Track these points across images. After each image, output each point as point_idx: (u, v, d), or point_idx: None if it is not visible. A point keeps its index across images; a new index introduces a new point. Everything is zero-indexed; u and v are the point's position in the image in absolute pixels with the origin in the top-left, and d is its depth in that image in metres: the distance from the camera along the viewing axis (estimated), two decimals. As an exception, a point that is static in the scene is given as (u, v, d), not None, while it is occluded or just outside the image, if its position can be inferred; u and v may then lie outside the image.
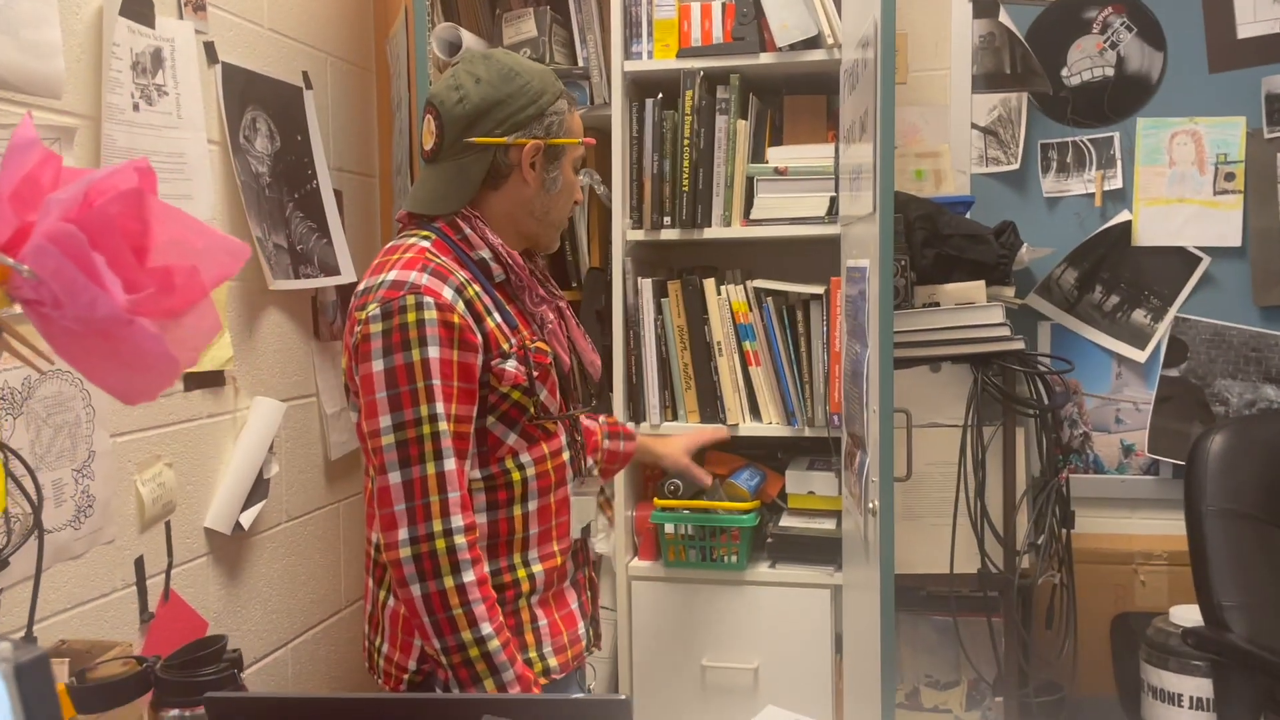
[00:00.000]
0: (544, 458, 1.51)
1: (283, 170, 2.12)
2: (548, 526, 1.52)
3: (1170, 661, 2.29)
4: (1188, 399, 2.56)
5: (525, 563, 1.49)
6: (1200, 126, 2.54)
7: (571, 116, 1.56)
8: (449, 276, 1.41)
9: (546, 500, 1.52)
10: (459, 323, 1.38)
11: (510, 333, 1.46)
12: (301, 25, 2.26)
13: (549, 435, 1.51)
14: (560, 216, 1.59)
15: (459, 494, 1.36)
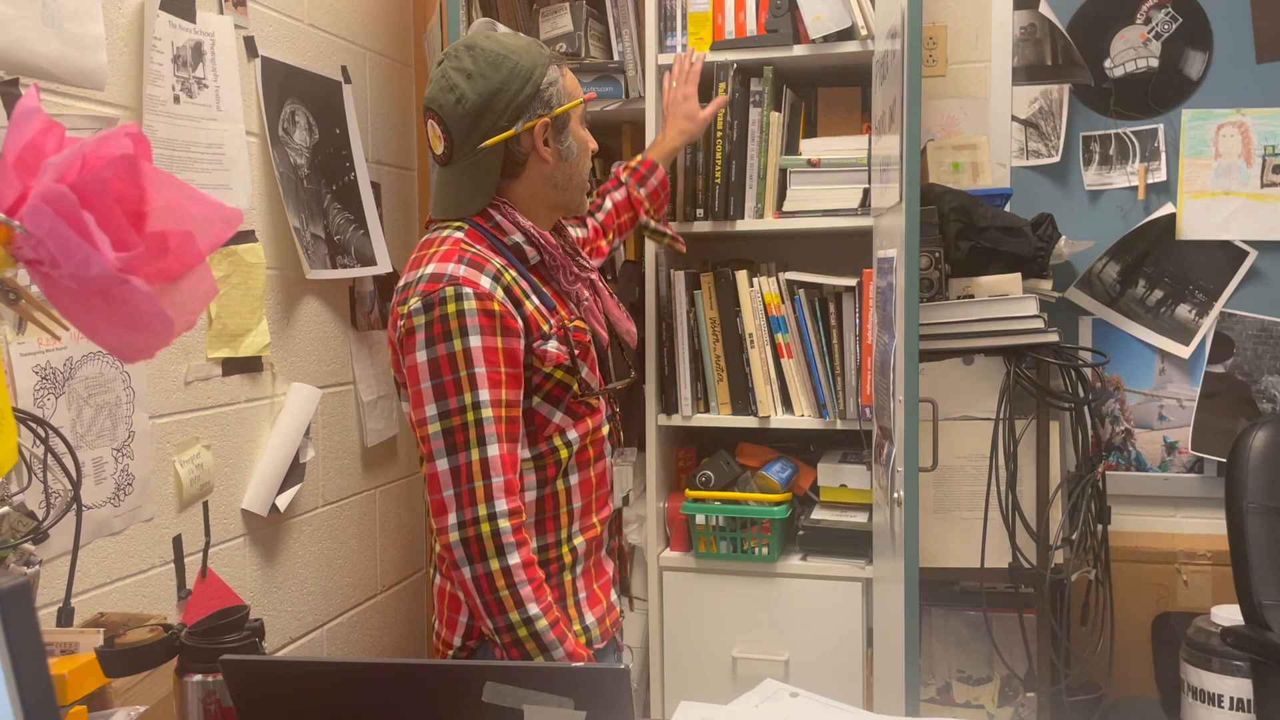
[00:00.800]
0: (588, 433, 1.54)
1: (321, 162, 2.17)
2: (589, 500, 1.56)
3: (1212, 661, 2.25)
4: (1233, 395, 2.50)
5: (569, 536, 1.53)
6: (1247, 118, 2.48)
7: (566, 77, 1.56)
8: (485, 265, 1.43)
9: (587, 474, 1.55)
10: (499, 310, 1.40)
11: (549, 314, 1.48)
12: (341, 21, 2.31)
13: (592, 410, 1.55)
14: (582, 177, 1.61)
15: (502, 478, 1.38)
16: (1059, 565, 2.28)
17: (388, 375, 2.46)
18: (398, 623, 2.55)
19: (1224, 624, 2.15)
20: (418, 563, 2.65)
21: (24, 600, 0.52)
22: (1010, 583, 2.29)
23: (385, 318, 2.45)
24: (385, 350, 2.46)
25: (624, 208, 2.07)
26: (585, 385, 1.52)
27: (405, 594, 2.59)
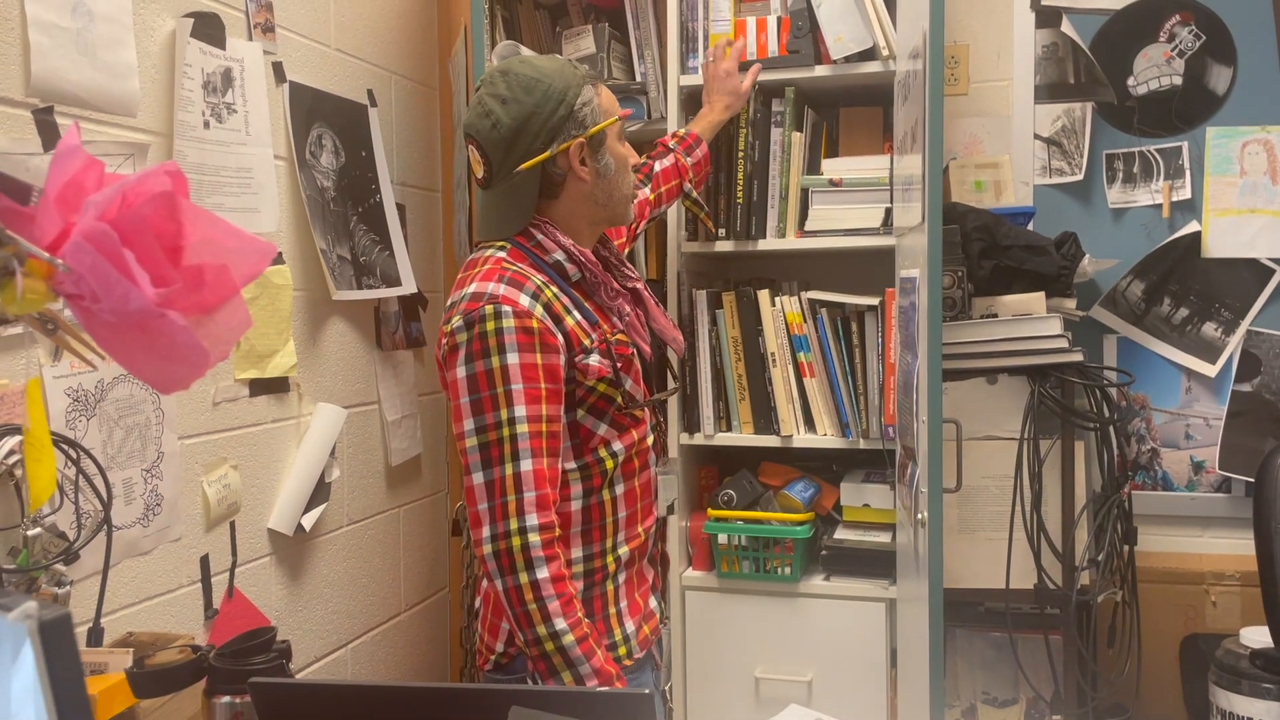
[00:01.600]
0: (633, 444, 1.57)
1: (347, 185, 2.20)
2: (634, 510, 1.59)
3: (1241, 684, 2.22)
4: (1261, 414, 2.48)
5: (614, 545, 1.56)
6: (1273, 135, 2.47)
7: (601, 95, 1.57)
8: (525, 283, 1.46)
9: (632, 484, 1.58)
10: (538, 327, 1.43)
11: (590, 328, 1.51)
12: (367, 45, 2.34)
13: (636, 422, 1.58)
14: (625, 191, 1.62)
15: (534, 493, 1.41)
16: (1085, 586, 2.27)
17: (412, 395, 2.48)
18: (421, 641, 2.56)
19: (1254, 646, 2.13)
20: (441, 581, 2.66)
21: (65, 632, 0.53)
22: (1035, 604, 2.28)
23: (409, 338, 2.47)
24: (409, 370, 2.48)
25: (671, 174, 2.10)
26: (629, 397, 1.54)
27: (429, 612, 2.60)
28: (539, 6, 2.67)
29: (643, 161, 1.83)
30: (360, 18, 2.32)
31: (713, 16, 2.44)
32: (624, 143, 1.63)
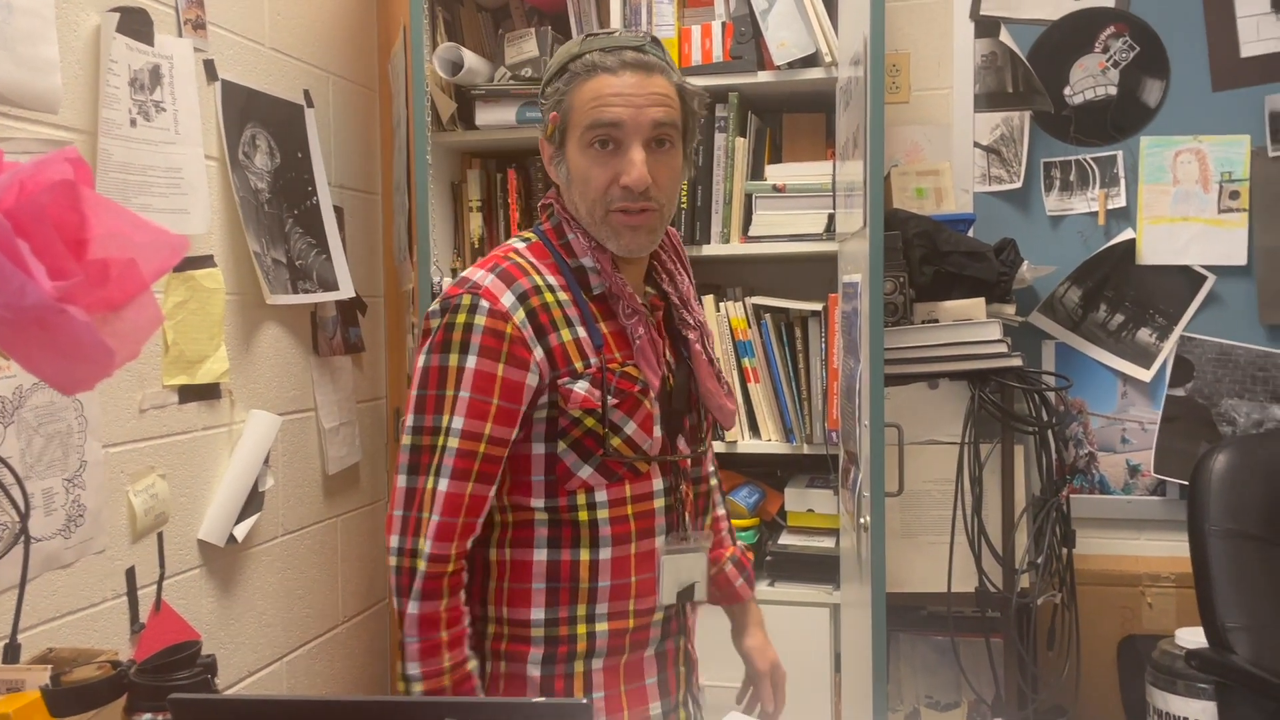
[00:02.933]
0: (624, 500, 1.33)
1: (282, 186, 2.15)
2: (624, 582, 1.33)
3: (1177, 684, 2.25)
4: (1194, 419, 2.52)
5: (589, 618, 1.33)
6: (1204, 145, 2.52)
7: (583, 84, 1.29)
8: (519, 279, 1.29)
9: (624, 551, 1.33)
10: (510, 333, 1.26)
11: (592, 350, 1.30)
12: (304, 44, 2.29)
13: (637, 474, 1.33)
14: (592, 212, 1.31)
15: (438, 519, 1.25)
16: (1025, 589, 2.29)
17: (350, 401, 2.43)
18: (359, 654, 2.50)
19: (1188, 646, 2.16)
20: (380, 592, 2.61)
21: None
22: (977, 607, 2.29)
23: (348, 343, 2.42)
24: (347, 376, 2.43)
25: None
26: (633, 445, 1.31)
27: (368, 624, 2.55)
28: (481, 9, 2.65)
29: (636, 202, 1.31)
30: (296, 17, 2.27)
31: (656, 21, 2.43)
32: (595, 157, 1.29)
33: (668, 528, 1.36)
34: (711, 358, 1.42)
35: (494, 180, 2.65)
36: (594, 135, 1.28)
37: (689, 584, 1.37)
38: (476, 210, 2.65)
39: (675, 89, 1.31)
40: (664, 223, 1.34)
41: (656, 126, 1.28)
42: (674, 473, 1.38)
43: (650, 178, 1.28)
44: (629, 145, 1.28)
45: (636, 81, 1.28)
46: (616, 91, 1.27)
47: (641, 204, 1.29)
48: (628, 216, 1.29)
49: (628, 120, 1.27)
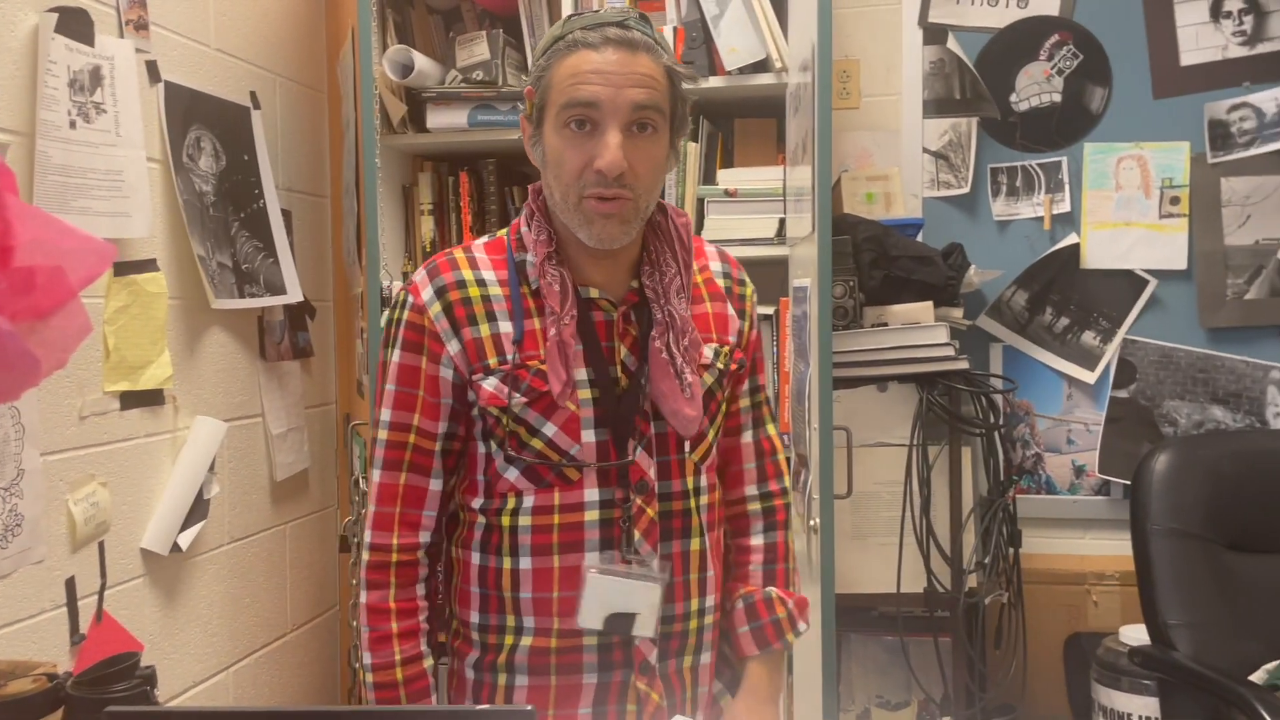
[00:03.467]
0: (551, 509, 1.26)
1: (228, 189, 2.12)
2: (545, 597, 1.26)
3: (1121, 681, 2.29)
4: (1137, 420, 2.57)
5: (516, 629, 1.28)
6: (1146, 151, 2.57)
7: (563, 60, 1.22)
8: (445, 272, 1.28)
9: (546, 564, 1.26)
10: (427, 327, 1.26)
11: (510, 346, 1.25)
12: (250, 46, 2.26)
13: (566, 483, 1.26)
14: (565, 197, 1.24)
15: (374, 509, 1.28)
16: (973, 589, 2.32)
17: (299, 407, 2.40)
18: (309, 662, 2.47)
19: (1132, 644, 2.20)
20: (330, 600, 2.58)
21: None
22: (926, 607, 2.32)
23: (296, 348, 2.39)
24: (295, 381, 2.40)
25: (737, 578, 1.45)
26: (555, 448, 1.25)
27: (317, 632, 2.52)
28: (432, 11, 2.63)
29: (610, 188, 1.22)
30: (242, 18, 2.24)
31: (608, 25, 2.43)
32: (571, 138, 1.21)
33: (603, 544, 1.26)
34: (675, 356, 1.27)
35: (446, 183, 2.63)
36: (570, 115, 1.20)
37: (625, 612, 1.24)
38: (428, 214, 2.64)
39: (663, 70, 1.23)
40: (639, 214, 1.25)
41: (637, 109, 1.20)
42: (621, 484, 1.27)
43: (627, 164, 1.20)
44: (606, 127, 1.20)
45: (619, 59, 1.19)
46: (595, 68, 1.19)
47: (615, 191, 1.21)
48: (600, 204, 1.21)
49: (605, 100, 1.19)
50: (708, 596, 1.32)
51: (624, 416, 1.27)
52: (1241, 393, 2.52)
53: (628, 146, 1.20)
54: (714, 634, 1.36)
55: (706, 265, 1.39)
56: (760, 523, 1.42)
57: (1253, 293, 2.52)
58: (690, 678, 1.32)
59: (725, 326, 1.36)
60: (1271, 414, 2.51)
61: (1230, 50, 2.53)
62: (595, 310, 1.28)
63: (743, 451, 1.42)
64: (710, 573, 1.33)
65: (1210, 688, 1.97)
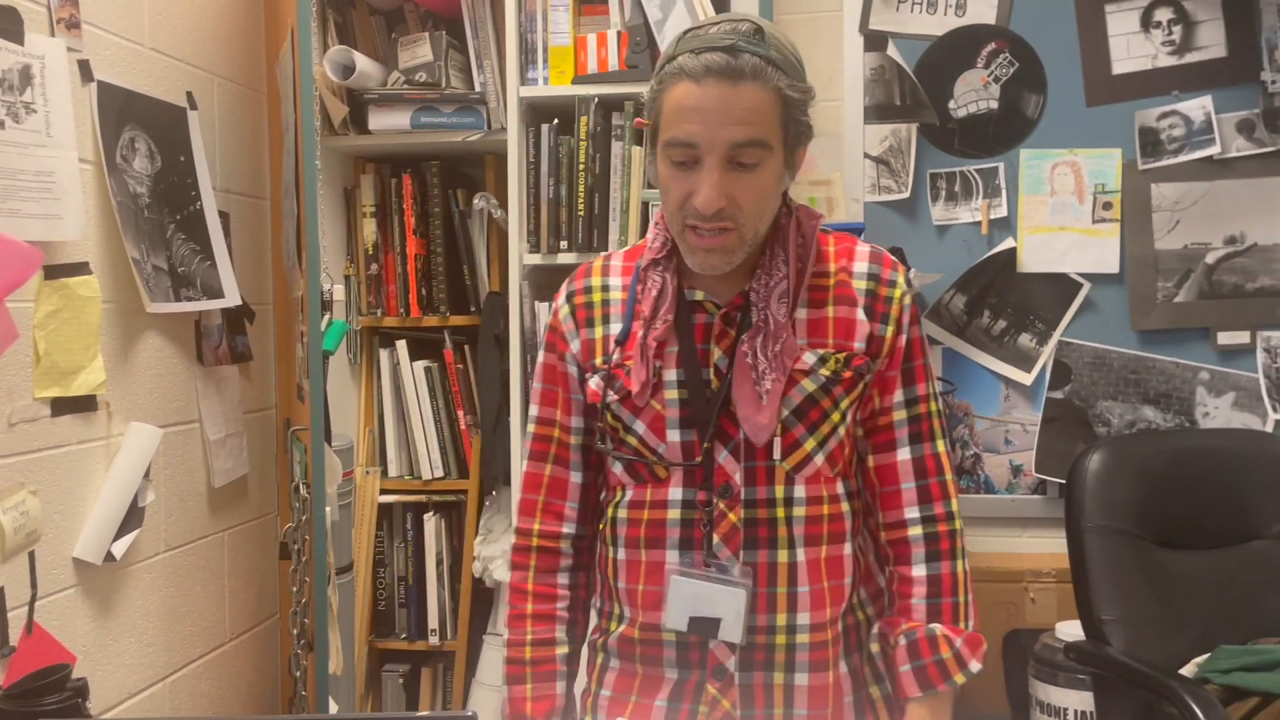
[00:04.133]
0: (643, 504, 1.31)
1: (164, 191, 2.08)
2: (634, 588, 1.32)
3: (1058, 676, 2.34)
4: (1072, 420, 2.63)
5: (614, 615, 1.36)
6: (1079, 158, 2.63)
7: (669, 90, 1.21)
8: (579, 279, 1.40)
9: (635, 556, 1.32)
10: (559, 328, 1.38)
11: (615, 346, 1.31)
12: (186, 45, 2.22)
13: (657, 480, 1.30)
14: (671, 222, 1.27)
15: (520, 496, 1.40)
16: (914, 588, 2.34)
17: (237, 412, 2.36)
18: (248, 672, 2.43)
19: (1067, 640, 2.25)
20: (270, 608, 2.54)
21: None
22: (869, 607, 2.34)
23: (234, 352, 2.35)
24: (234, 386, 2.36)
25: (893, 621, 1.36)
26: (646, 445, 1.30)
27: (256, 641, 2.48)
28: (374, 12, 2.61)
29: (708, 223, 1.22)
30: (178, 17, 2.20)
31: (552, 29, 2.43)
32: (674, 170, 1.22)
33: (683, 543, 1.28)
34: (759, 361, 1.25)
35: (388, 185, 2.61)
36: (672, 152, 1.22)
37: (710, 617, 1.24)
38: (370, 216, 2.61)
39: (772, 95, 1.20)
40: (744, 243, 1.24)
41: (735, 148, 1.19)
42: (705, 486, 1.27)
43: (726, 199, 1.20)
44: (704, 164, 1.19)
45: (720, 94, 1.17)
46: (696, 105, 1.18)
47: (713, 225, 1.21)
48: (700, 239, 1.22)
49: (703, 141, 1.18)
50: (800, 614, 1.27)
51: (710, 419, 1.27)
52: (1171, 393, 2.59)
53: (729, 180, 1.20)
54: (819, 655, 1.28)
55: (846, 267, 1.33)
56: (922, 550, 1.32)
57: (1182, 296, 2.59)
58: (781, 695, 1.27)
59: (849, 331, 1.31)
60: (1200, 414, 2.58)
61: (1160, 60, 2.60)
62: (699, 312, 1.31)
63: (899, 470, 1.33)
64: (806, 588, 1.27)
65: (1143, 681, 2.02)
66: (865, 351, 1.30)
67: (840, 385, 1.29)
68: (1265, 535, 2.28)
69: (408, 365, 2.60)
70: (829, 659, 1.29)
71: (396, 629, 2.63)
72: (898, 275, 1.35)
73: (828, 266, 1.32)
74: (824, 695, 1.28)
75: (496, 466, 2.49)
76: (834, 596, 1.29)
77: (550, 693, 1.36)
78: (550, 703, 1.35)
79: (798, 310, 1.29)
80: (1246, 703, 1.93)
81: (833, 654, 1.29)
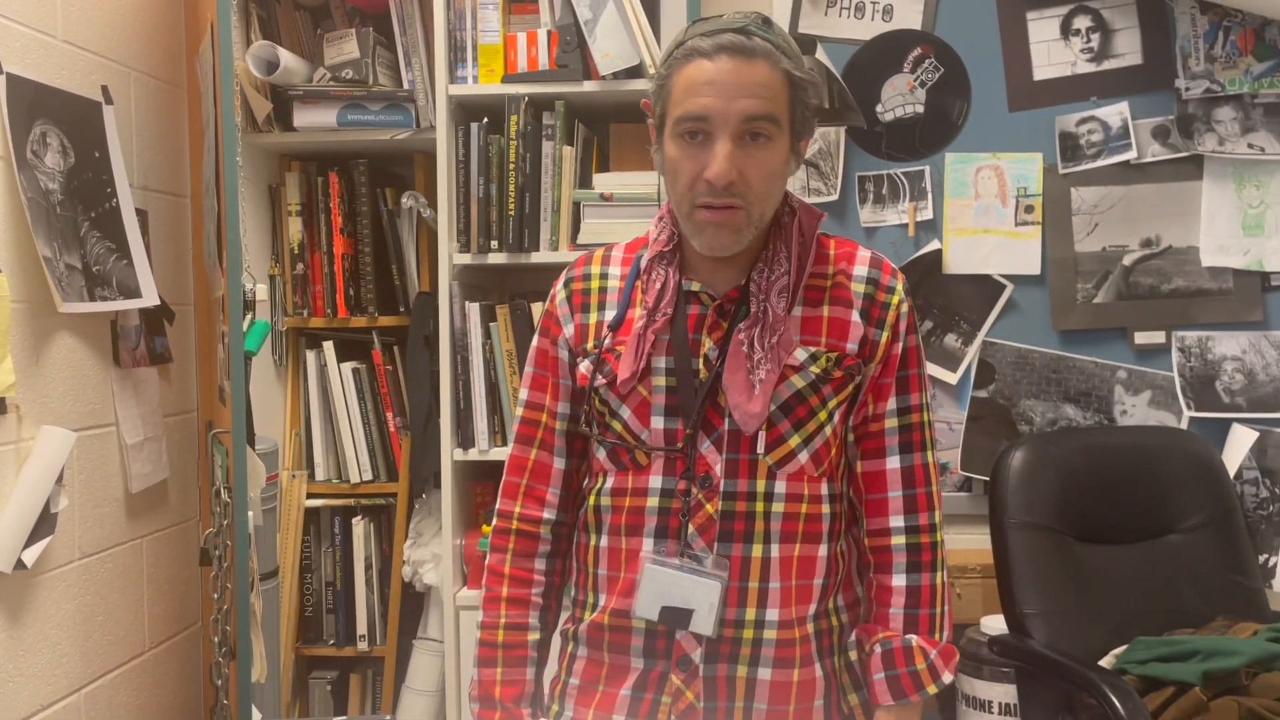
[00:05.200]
0: (624, 491, 1.31)
1: (77, 188, 2.02)
2: (614, 575, 1.31)
3: (982, 670, 2.38)
4: (996, 418, 2.68)
5: (589, 604, 1.35)
6: (1002, 162, 2.68)
7: (680, 71, 1.24)
8: (579, 266, 1.41)
9: (616, 543, 1.32)
10: (554, 313, 1.39)
11: (607, 332, 1.33)
12: (102, 38, 2.16)
13: (639, 466, 1.30)
14: (679, 206, 1.29)
15: (506, 478, 1.39)
16: (843, 586, 2.37)
17: (156, 415, 2.30)
18: (169, 681, 2.37)
19: (991, 633, 2.29)
20: (192, 615, 2.48)
21: None
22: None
23: (153, 353, 2.29)
24: (153, 388, 2.29)
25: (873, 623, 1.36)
26: (630, 431, 1.30)
27: (177, 649, 2.42)
28: (299, 7, 2.56)
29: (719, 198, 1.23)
30: (93, 8, 2.14)
31: (481, 27, 2.41)
32: (684, 149, 1.24)
33: (659, 531, 1.28)
34: (755, 350, 1.26)
35: (315, 184, 2.57)
36: (683, 127, 1.23)
37: (682, 608, 1.24)
38: (296, 214, 2.57)
39: (782, 76, 1.23)
40: (752, 222, 1.26)
41: (748, 120, 1.21)
42: (686, 476, 1.28)
43: (737, 173, 1.21)
44: (716, 138, 1.21)
45: (732, 69, 1.20)
46: (709, 79, 1.21)
47: (725, 200, 1.22)
48: (710, 213, 1.23)
49: (715, 112, 1.21)
50: (770, 609, 1.27)
51: (696, 407, 1.27)
52: (1091, 392, 2.66)
53: (740, 156, 1.22)
54: (785, 653, 1.28)
55: (846, 270, 1.34)
56: (904, 559, 1.31)
57: (1100, 297, 2.66)
58: (743, 689, 1.27)
59: (843, 332, 1.31)
60: (1118, 411, 2.65)
61: (1079, 66, 2.66)
62: (694, 303, 1.32)
63: (887, 478, 1.33)
64: (777, 585, 1.27)
65: (1062, 673, 2.06)
66: (857, 354, 1.31)
67: (830, 384, 1.29)
68: (1179, 529, 2.35)
69: (335, 367, 2.56)
70: (795, 658, 1.28)
71: (324, 635, 2.59)
72: (897, 282, 1.36)
73: (827, 268, 1.34)
74: (787, 692, 1.28)
75: (426, 469, 2.46)
76: (803, 595, 1.29)
77: (520, 678, 1.36)
78: (519, 688, 1.36)
79: (794, 307, 1.30)
80: (1163, 692, 1.98)
81: (801, 653, 1.29)
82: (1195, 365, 2.63)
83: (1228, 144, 2.61)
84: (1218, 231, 2.63)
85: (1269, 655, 1.98)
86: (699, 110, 1.21)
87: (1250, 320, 2.62)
